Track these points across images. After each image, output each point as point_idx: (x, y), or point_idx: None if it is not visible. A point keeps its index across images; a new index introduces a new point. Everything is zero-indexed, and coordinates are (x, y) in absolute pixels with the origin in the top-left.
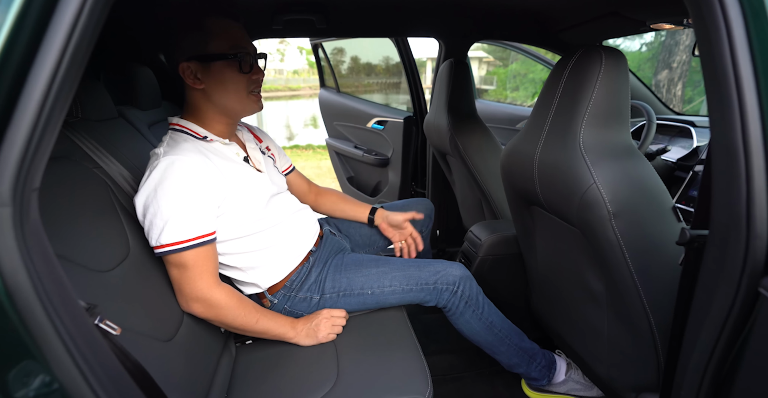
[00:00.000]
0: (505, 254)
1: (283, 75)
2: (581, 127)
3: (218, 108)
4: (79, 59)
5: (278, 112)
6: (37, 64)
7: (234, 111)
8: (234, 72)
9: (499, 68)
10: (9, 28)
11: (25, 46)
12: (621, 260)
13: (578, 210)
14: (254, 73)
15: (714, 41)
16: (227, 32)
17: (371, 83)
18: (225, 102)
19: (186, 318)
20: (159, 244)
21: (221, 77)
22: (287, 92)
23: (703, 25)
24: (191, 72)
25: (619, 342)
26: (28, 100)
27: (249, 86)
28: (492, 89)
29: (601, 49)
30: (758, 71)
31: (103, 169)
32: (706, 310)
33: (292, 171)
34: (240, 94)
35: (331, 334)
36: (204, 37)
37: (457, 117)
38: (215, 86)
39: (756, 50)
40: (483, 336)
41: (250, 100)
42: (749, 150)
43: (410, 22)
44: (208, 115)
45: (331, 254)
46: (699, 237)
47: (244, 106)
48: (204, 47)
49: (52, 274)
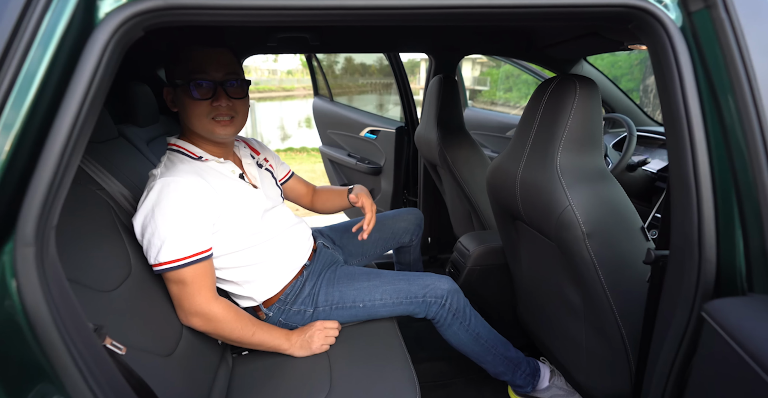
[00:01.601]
0: (492, 264)
1: (276, 75)
2: (558, 151)
3: (191, 131)
4: (95, 110)
5: (272, 112)
6: (58, 120)
7: (203, 135)
8: (189, 98)
9: (492, 69)
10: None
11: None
12: (594, 277)
13: (555, 229)
14: (215, 100)
15: (669, 88)
16: (190, 59)
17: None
18: (190, 126)
19: (185, 333)
20: (157, 262)
21: (182, 103)
22: (281, 93)
23: (660, 73)
24: (170, 96)
25: (595, 352)
26: (50, 150)
27: (209, 113)
28: (485, 90)
29: (575, 79)
30: (706, 114)
31: (106, 190)
32: (668, 326)
33: (291, 177)
34: (201, 119)
35: (325, 345)
36: (172, 64)
37: (446, 131)
38: (180, 111)
39: (703, 94)
40: (470, 347)
41: (213, 125)
42: (699, 183)
43: (401, 38)
44: (194, 136)
45: (324, 267)
46: (662, 256)
47: (207, 131)
48: (171, 74)
49: (67, 303)
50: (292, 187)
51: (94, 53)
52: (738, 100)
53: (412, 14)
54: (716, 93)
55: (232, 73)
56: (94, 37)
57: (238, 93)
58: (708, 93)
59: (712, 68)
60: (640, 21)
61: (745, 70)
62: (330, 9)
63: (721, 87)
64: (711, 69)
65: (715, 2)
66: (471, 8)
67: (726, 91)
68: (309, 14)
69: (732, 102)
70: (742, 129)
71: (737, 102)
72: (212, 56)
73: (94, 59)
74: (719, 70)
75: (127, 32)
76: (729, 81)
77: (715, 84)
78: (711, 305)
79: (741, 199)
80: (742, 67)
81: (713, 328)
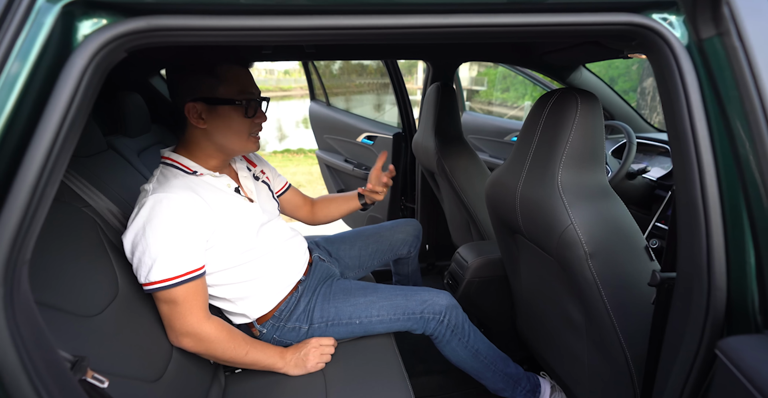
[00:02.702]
0: (491, 276)
1: (274, 75)
2: (559, 167)
3: (216, 146)
4: (72, 137)
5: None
6: (31, 150)
7: (233, 150)
8: (240, 116)
9: (489, 69)
10: (5, 121)
11: (19, 137)
12: (597, 297)
13: (557, 247)
14: (257, 117)
15: (675, 107)
16: (237, 78)
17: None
18: (225, 142)
19: (175, 354)
20: (148, 281)
21: (227, 120)
22: (278, 93)
23: (665, 91)
24: (196, 112)
25: (598, 370)
26: (23, 181)
27: (252, 129)
28: (483, 90)
29: (576, 93)
30: (714, 135)
31: (92, 207)
32: (675, 355)
33: (288, 188)
34: (242, 135)
35: (320, 363)
36: (214, 82)
37: (444, 140)
38: (219, 127)
39: (711, 116)
40: (469, 363)
41: (250, 142)
42: (708, 208)
43: (399, 46)
44: (205, 152)
45: (320, 282)
46: (668, 279)
47: (243, 147)
48: (213, 91)
49: (40, 344)
50: (290, 199)
51: (71, 78)
52: (752, 130)
53: (409, 33)
54: (728, 118)
55: (260, 91)
56: (71, 61)
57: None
58: (717, 115)
59: (724, 96)
60: (644, 39)
61: (761, 100)
62: (321, 29)
63: (732, 113)
64: (723, 97)
65: (728, 30)
66: (471, 27)
67: (737, 118)
68: (299, 35)
69: (744, 130)
70: (757, 161)
71: (751, 132)
72: (250, 77)
73: (71, 84)
74: (729, 96)
75: (108, 55)
76: (742, 110)
77: (727, 110)
78: (726, 343)
79: (755, 230)
80: (757, 98)
81: (729, 369)
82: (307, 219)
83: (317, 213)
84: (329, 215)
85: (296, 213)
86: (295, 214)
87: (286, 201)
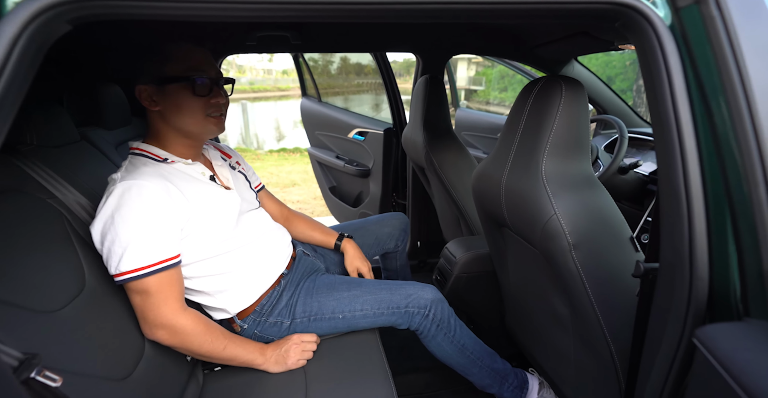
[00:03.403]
0: (479, 272)
1: (272, 75)
2: (543, 156)
3: (176, 130)
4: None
5: (267, 112)
6: None
7: (192, 133)
8: (189, 95)
9: (487, 69)
10: None
11: None
12: (581, 289)
13: (540, 239)
14: (213, 97)
15: (658, 91)
16: (185, 56)
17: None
18: (181, 124)
19: (148, 351)
20: (119, 272)
21: (177, 99)
22: (276, 92)
23: (648, 74)
24: (147, 94)
25: (584, 366)
26: None
27: (207, 109)
28: (481, 90)
29: (561, 79)
30: (697, 120)
31: (59, 198)
32: (658, 347)
33: (261, 189)
34: (196, 116)
35: (301, 360)
36: (161, 60)
37: (432, 133)
38: (171, 108)
39: (694, 99)
40: (455, 359)
41: (208, 123)
42: (690, 193)
43: (387, 37)
44: (168, 137)
45: (303, 276)
46: (652, 269)
47: (200, 129)
48: (161, 70)
49: None
50: (262, 202)
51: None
52: (731, 105)
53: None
54: (707, 97)
55: (220, 73)
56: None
57: (227, 91)
58: (699, 97)
59: (702, 70)
60: (627, 19)
61: (739, 73)
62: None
63: (712, 90)
64: (701, 71)
65: None
66: (455, 4)
67: (717, 96)
68: (264, 8)
69: (724, 108)
70: (736, 138)
71: (730, 108)
72: (205, 55)
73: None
74: (710, 72)
75: (44, 26)
76: (721, 84)
77: (706, 87)
78: (703, 331)
79: (735, 215)
80: (735, 70)
81: (706, 357)
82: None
83: (293, 229)
84: (306, 236)
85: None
86: None
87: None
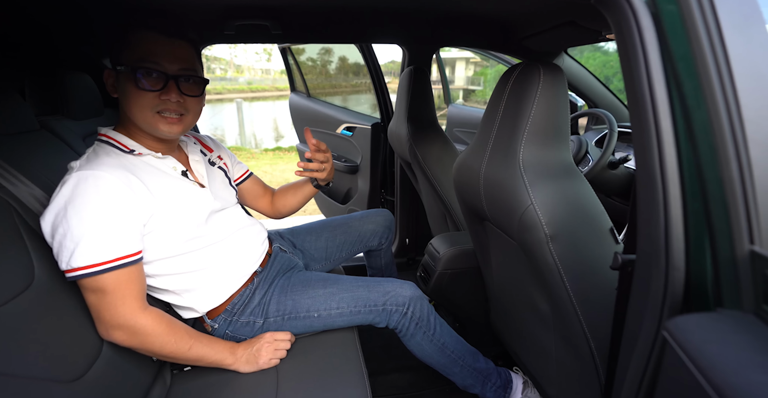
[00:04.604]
0: (463, 268)
1: (270, 75)
2: (521, 144)
3: (133, 122)
4: None
5: (265, 112)
6: None
7: (142, 127)
8: (133, 87)
9: (486, 68)
10: None
11: None
12: (559, 283)
13: (518, 230)
14: (164, 94)
15: (633, 70)
16: (140, 44)
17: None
18: (132, 117)
19: (105, 351)
20: (70, 268)
21: (124, 90)
22: (274, 92)
23: (624, 54)
24: (112, 81)
25: (566, 365)
26: None
27: (156, 106)
28: (479, 89)
29: (540, 64)
30: (673, 100)
31: (8, 189)
32: (634, 341)
33: (249, 177)
34: (143, 111)
35: (274, 360)
36: (120, 46)
37: (416, 126)
38: (122, 98)
39: (670, 78)
40: (435, 358)
41: (157, 121)
42: (666, 178)
43: (371, 28)
44: (133, 128)
45: (279, 273)
46: (630, 261)
47: (148, 125)
48: (118, 56)
49: None
50: (249, 188)
51: None
52: (702, 80)
53: None
54: (676, 70)
55: (189, 69)
56: None
57: (192, 90)
58: (671, 74)
59: (672, 42)
60: None
61: (711, 47)
62: None
63: (684, 68)
64: (671, 43)
65: None
66: None
67: (689, 70)
68: None
69: (697, 83)
70: (708, 115)
71: (702, 84)
72: (167, 47)
73: None
74: (681, 45)
75: None
76: (692, 58)
77: (676, 60)
78: (673, 323)
79: (707, 199)
80: (708, 44)
81: (674, 350)
82: (267, 210)
83: (276, 204)
84: (287, 205)
85: (256, 204)
86: (256, 205)
87: (246, 191)
